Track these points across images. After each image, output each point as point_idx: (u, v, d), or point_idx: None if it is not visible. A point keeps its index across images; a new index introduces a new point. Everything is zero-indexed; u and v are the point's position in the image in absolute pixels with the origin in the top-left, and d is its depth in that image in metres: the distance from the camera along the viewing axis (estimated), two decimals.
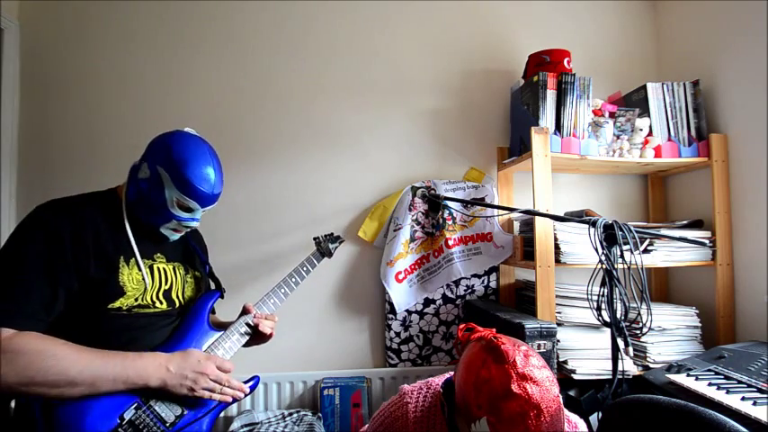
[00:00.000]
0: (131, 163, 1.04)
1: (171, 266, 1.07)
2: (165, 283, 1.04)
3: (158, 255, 1.05)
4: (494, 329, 0.80)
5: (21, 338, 0.81)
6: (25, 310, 0.84)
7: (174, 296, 1.06)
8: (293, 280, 1.30)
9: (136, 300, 0.96)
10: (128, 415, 0.90)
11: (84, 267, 0.90)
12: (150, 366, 0.91)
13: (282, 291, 1.27)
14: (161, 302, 1.02)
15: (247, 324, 1.16)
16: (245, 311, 1.19)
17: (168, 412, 0.96)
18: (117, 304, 0.93)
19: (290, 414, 1.63)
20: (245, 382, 1.14)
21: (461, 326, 0.85)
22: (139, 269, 0.98)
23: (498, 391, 0.68)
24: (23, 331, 0.83)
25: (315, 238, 1.47)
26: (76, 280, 0.90)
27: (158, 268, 1.03)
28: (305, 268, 1.35)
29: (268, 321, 1.19)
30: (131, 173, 1.02)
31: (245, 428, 1.54)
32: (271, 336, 1.21)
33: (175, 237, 1.06)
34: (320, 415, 1.63)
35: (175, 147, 0.97)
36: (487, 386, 0.69)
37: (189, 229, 1.08)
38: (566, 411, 0.81)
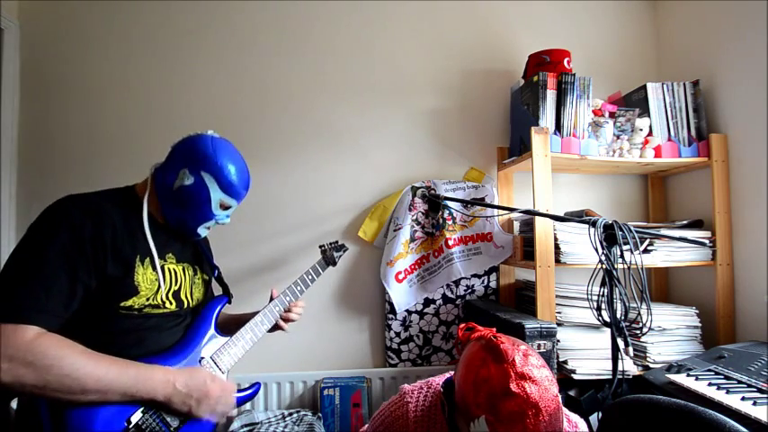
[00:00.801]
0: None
1: (180, 267, 1.07)
2: (175, 284, 1.04)
3: (169, 255, 1.05)
4: (494, 329, 0.80)
5: (43, 341, 0.81)
6: (46, 306, 0.83)
7: (182, 296, 1.06)
8: (298, 288, 1.32)
9: (147, 300, 0.96)
10: (134, 419, 0.91)
11: (102, 265, 0.90)
12: (159, 382, 0.92)
13: (288, 298, 1.29)
14: (170, 303, 1.02)
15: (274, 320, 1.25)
16: (271, 299, 1.28)
17: (173, 416, 0.96)
18: (129, 303, 0.93)
19: (290, 414, 1.63)
20: (246, 389, 1.16)
21: (461, 325, 0.85)
22: (154, 269, 0.98)
23: (497, 390, 0.69)
24: (45, 332, 0.82)
25: (320, 246, 1.48)
26: (95, 277, 0.89)
27: (169, 269, 1.03)
28: (310, 276, 1.37)
29: (298, 309, 1.31)
30: (158, 177, 1.03)
31: (245, 428, 1.54)
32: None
33: (206, 233, 1.12)
34: (320, 415, 1.63)
35: (218, 152, 1.03)
36: (486, 385, 0.70)
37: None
38: (566, 411, 0.82)
